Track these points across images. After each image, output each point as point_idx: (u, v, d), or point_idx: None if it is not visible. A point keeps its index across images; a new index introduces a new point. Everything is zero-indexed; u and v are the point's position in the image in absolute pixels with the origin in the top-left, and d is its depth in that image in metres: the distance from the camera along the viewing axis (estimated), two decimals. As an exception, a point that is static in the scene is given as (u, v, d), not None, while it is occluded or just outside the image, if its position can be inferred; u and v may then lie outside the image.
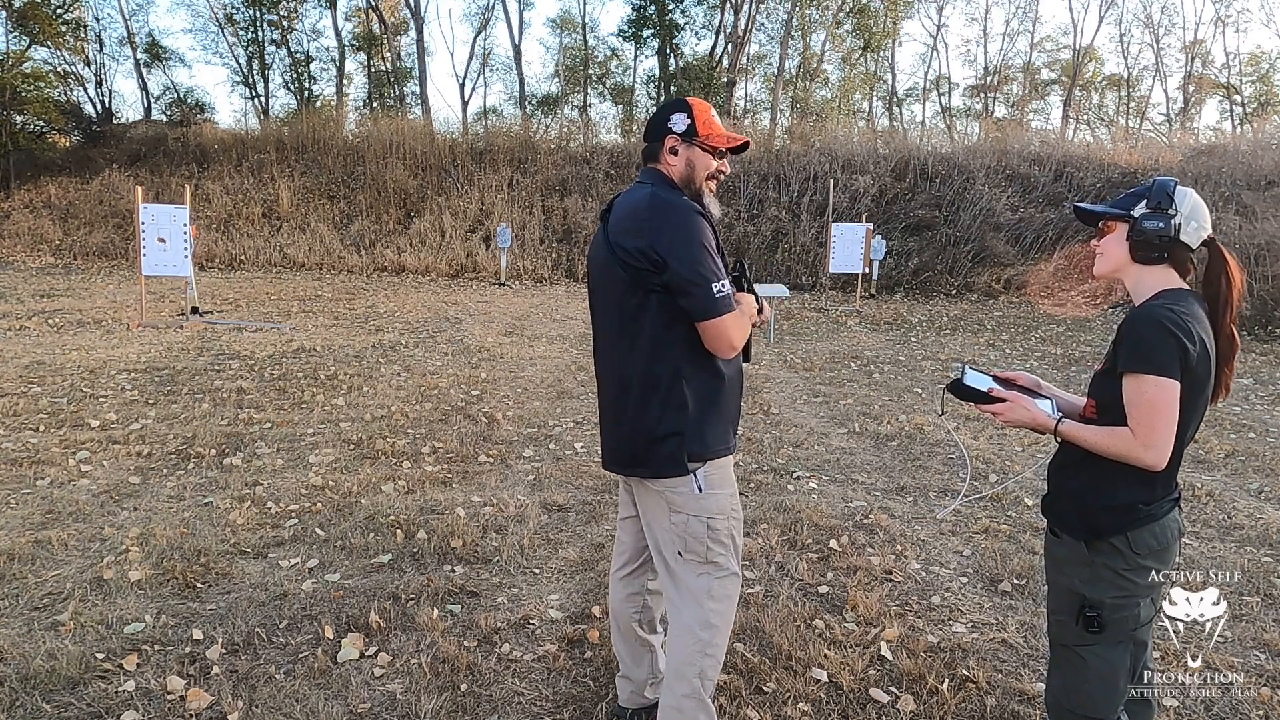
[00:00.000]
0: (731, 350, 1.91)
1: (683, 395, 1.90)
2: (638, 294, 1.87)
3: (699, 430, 1.93)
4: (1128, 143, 21.54)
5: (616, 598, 2.25)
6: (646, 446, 1.93)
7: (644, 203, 1.89)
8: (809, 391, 6.90)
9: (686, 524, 1.94)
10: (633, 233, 1.87)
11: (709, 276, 1.83)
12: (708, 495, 1.94)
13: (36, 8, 20.75)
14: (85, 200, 18.70)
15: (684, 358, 1.90)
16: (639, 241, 1.84)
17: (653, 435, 1.91)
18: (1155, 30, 35.98)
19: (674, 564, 1.99)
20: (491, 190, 18.47)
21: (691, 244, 1.83)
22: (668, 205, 1.87)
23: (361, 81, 31.68)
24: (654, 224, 1.85)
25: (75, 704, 2.30)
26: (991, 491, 4.38)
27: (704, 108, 2.00)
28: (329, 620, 2.79)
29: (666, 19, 27.93)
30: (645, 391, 1.92)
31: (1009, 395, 1.81)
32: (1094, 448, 1.66)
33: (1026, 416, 1.77)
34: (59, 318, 9.48)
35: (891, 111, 33.59)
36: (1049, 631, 1.85)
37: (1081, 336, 10.77)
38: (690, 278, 1.81)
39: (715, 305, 1.83)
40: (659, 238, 1.82)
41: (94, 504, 3.81)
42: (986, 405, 1.84)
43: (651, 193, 1.91)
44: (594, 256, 2.03)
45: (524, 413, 5.82)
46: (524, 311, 11.72)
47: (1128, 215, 1.70)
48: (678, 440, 1.90)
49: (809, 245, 16.46)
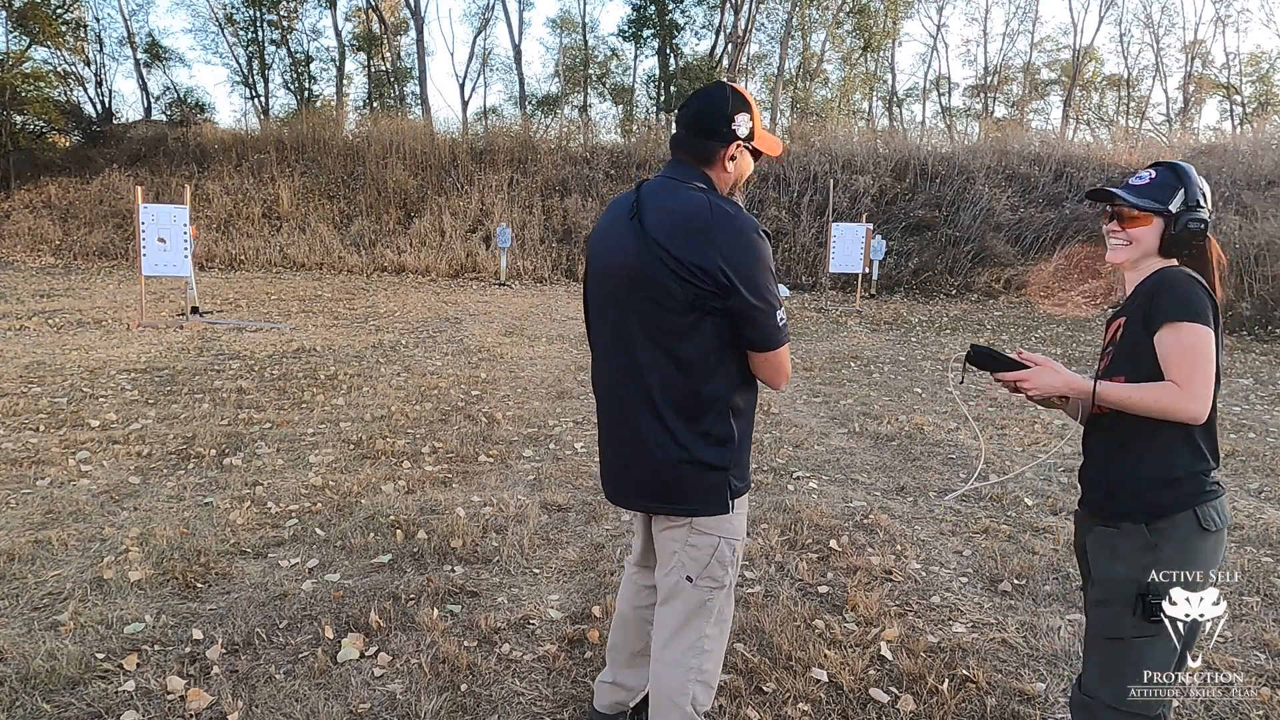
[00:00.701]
0: (785, 380, 1.81)
1: (730, 427, 1.77)
2: (691, 313, 1.67)
3: (741, 464, 1.82)
4: (1128, 143, 21.57)
5: (629, 589, 2.13)
6: (684, 480, 1.76)
7: (707, 213, 1.67)
8: (809, 391, 6.90)
9: (716, 547, 1.81)
10: (697, 247, 1.64)
11: (775, 304, 1.70)
12: (736, 517, 1.84)
13: (36, 8, 20.75)
14: (85, 200, 18.70)
15: (734, 387, 1.76)
16: (705, 260, 1.63)
17: (695, 468, 1.76)
18: (1155, 30, 36.02)
19: (680, 588, 1.86)
20: (491, 190, 18.48)
21: (762, 269, 1.67)
22: (737, 222, 1.67)
23: (361, 81, 31.74)
24: (725, 241, 1.64)
25: (75, 704, 2.30)
26: (1007, 478, 4.37)
27: (755, 105, 1.80)
28: (329, 620, 2.79)
29: (666, 19, 27.94)
30: (688, 421, 1.74)
31: (1037, 358, 1.72)
32: (1136, 405, 1.60)
33: (1058, 380, 1.67)
34: (59, 318, 9.48)
35: (891, 111, 33.62)
36: (1094, 628, 1.75)
37: (1081, 336, 10.77)
38: (759, 305, 1.67)
39: (779, 335, 1.73)
40: (731, 258, 1.63)
41: (94, 504, 3.81)
42: (1009, 374, 1.72)
43: (712, 202, 1.69)
44: (619, 260, 1.76)
45: (524, 413, 5.82)
46: (524, 311, 11.72)
47: (1165, 210, 1.66)
48: (722, 475, 1.77)
49: (809, 245, 16.46)
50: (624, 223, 1.76)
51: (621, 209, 1.82)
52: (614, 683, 2.18)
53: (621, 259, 1.75)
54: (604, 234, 1.85)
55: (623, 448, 1.85)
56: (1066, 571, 3.37)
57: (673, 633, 1.89)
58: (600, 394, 1.92)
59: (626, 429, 1.82)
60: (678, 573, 1.85)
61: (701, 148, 1.77)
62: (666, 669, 1.90)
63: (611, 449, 1.90)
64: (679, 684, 1.88)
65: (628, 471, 1.85)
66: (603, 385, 1.90)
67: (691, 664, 1.88)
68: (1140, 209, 1.68)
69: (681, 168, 1.78)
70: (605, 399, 1.90)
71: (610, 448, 1.90)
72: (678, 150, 1.81)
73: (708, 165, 1.78)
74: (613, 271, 1.79)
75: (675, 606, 1.88)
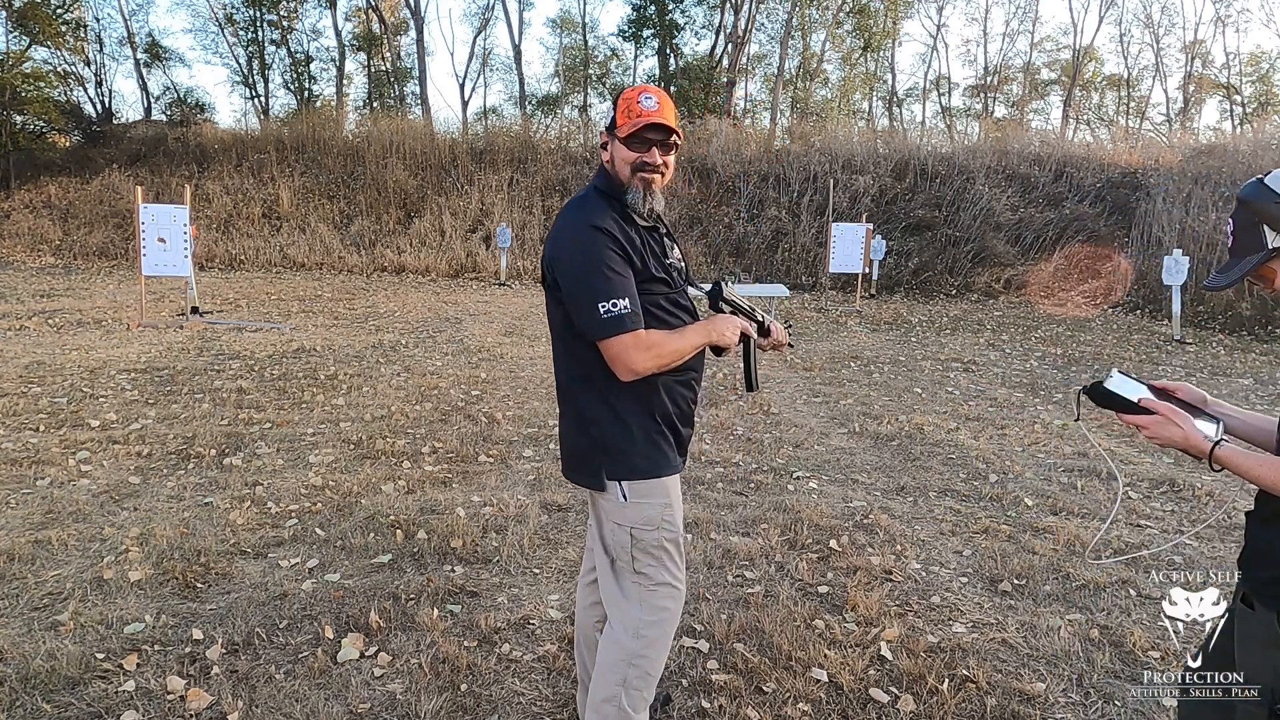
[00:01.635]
0: (629, 373, 1.76)
1: (599, 409, 1.86)
2: (559, 304, 1.86)
3: (621, 447, 1.85)
4: (1128, 143, 21.55)
5: (581, 605, 2.21)
6: (576, 454, 1.94)
7: (561, 213, 1.88)
8: (809, 391, 6.90)
9: (615, 533, 1.90)
10: (548, 243, 1.88)
11: (593, 297, 1.72)
12: (632, 505, 1.86)
13: (36, 8, 20.75)
14: (85, 200, 18.69)
15: (599, 369, 1.82)
16: (548, 249, 1.86)
17: (577, 445, 1.92)
18: (1155, 30, 35.99)
19: (610, 570, 1.95)
20: (491, 190, 18.47)
21: (577, 263, 1.75)
22: (565, 220, 1.84)
23: (361, 81, 31.72)
24: (553, 236, 1.85)
25: (75, 704, 2.30)
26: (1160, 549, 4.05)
27: (632, 95, 1.83)
28: (329, 620, 2.79)
29: (666, 19, 27.94)
30: (565, 401, 1.95)
31: (1161, 407, 1.49)
32: (1258, 480, 1.37)
33: (1178, 435, 1.45)
34: (59, 318, 9.48)
35: (891, 111, 33.61)
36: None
37: (1081, 336, 10.77)
38: (573, 295, 1.77)
39: (601, 326, 1.72)
40: (554, 248, 1.83)
41: (94, 504, 3.81)
42: (1131, 416, 1.53)
43: (572, 201, 1.89)
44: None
45: (524, 413, 5.82)
46: (524, 311, 11.72)
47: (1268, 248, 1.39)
48: (597, 455, 1.87)
49: (809, 245, 16.46)
50: None
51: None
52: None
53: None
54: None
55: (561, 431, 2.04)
56: (1066, 572, 3.37)
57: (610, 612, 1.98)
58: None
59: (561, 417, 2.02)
60: (604, 554, 1.96)
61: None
62: (604, 643, 1.98)
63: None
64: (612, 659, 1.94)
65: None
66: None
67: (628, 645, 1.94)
68: (1238, 280, 1.44)
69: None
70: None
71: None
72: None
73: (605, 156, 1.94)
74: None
75: (610, 581, 1.97)
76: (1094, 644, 2.79)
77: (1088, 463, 4.91)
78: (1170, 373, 8.23)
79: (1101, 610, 3.04)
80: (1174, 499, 4.33)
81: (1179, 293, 10.71)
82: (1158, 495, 4.39)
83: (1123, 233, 15.64)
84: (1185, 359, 9.20)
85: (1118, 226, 15.86)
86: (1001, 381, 7.52)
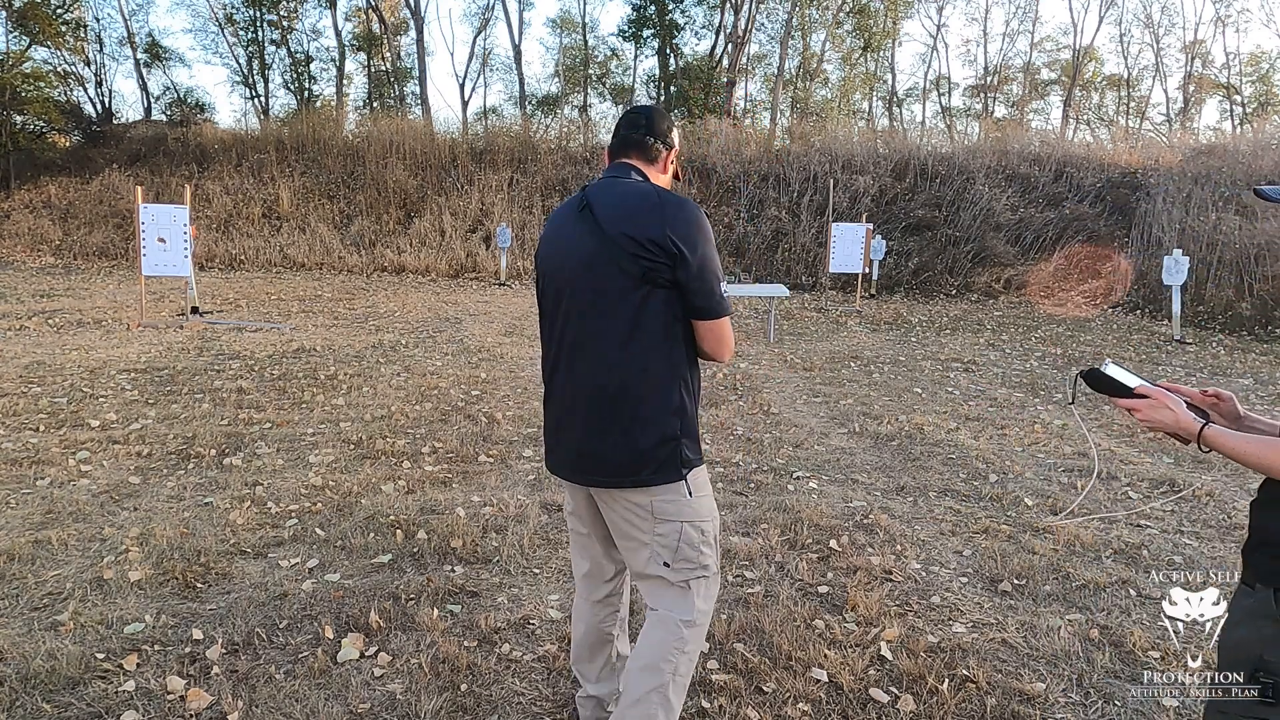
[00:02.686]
0: (729, 353, 1.91)
1: (681, 398, 1.86)
2: (641, 289, 1.78)
3: (693, 434, 1.90)
4: (1128, 143, 21.54)
5: (584, 608, 2.16)
6: (642, 454, 1.83)
7: (653, 195, 1.82)
8: (809, 391, 6.90)
9: (681, 531, 1.87)
10: (644, 223, 1.77)
11: (718, 275, 1.82)
12: (697, 499, 1.90)
13: (36, 8, 20.76)
14: (85, 200, 18.70)
15: (684, 359, 1.86)
16: (653, 231, 1.75)
17: (651, 441, 1.83)
18: (1155, 30, 36.00)
19: (659, 574, 1.90)
20: (491, 190, 18.48)
21: (707, 240, 1.82)
22: (682, 199, 1.83)
23: (361, 81, 31.73)
24: (671, 216, 1.78)
25: (75, 704, 2.30)
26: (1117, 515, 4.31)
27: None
28: (329, 620, 2.79)
29: (666, 19, 27.93)
30: (644, 395, 1.82)
31: (1154, 391, 1.56)
32: (1244, 459, 1.41)
33: (1169, 417, 1.52)
34: (59, 318, 9.48)
35: (891, 111, 33.61)
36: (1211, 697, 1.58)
37: (1081, 336, 10.77)
38: (703, 272, 1.79)
39: (721, 304, 1.83)
40: (676, 228, 1.76)
41: (94, 504, 3.81)
42: (1125, 400, 1.61)
43: (657, 189, 1.86)
44: (571, 251, 1.87)
45: (524, 413, 5.82)
46: (524, 311, 11.72)
47: None
48: (675, 445, 1.85)
49: (809, 245, 16.46)
50: (573, 222, 1.88)
51: (567, 213, 1.94)
52: (593, 696, 2.20)
53: (578, 253, 1.85)
54: (553, 240, 1.96)
55: (578, 430, 1.90)
56: (1066, 572, 3.37)
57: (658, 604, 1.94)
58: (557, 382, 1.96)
59: (581, 410, 1.88)
60: (654, 559, 1.90)
61: (650, 149, 1.96)
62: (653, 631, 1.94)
63: (571, 432, 1.93)
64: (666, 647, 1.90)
65: (587, 451, 1.89)
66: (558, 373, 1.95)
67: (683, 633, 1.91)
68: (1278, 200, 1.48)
69: (623, 168, 1.95)
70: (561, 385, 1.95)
71: (570, 431, 1.93)
72: (624, 152, 1.97)
73: (651, 165, 1.97)
74: (568, 265, 1.88)
75: (659, 584, 1.93)
76: (1094, 644, 2.79)
77: (1087, 463, 4.91)
78: (1170, 373, 8.23)
79: (1101, 610, 3.04)
80: (1173, 497, 4.33)
81: (1179, 293, 10.71)
82: (1158, 495, 4.39)
83: (1123, 233, 15.64)
84: (1185, 359, 9.20)
85: (1118, 226, 15.86)
86: (1001, 381, 7.52)
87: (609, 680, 2.19)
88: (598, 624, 2.15)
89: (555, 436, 2.02)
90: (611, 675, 2.19)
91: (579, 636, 2.19)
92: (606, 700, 2.18)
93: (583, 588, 2.17)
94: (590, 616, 2.16)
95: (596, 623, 2.15)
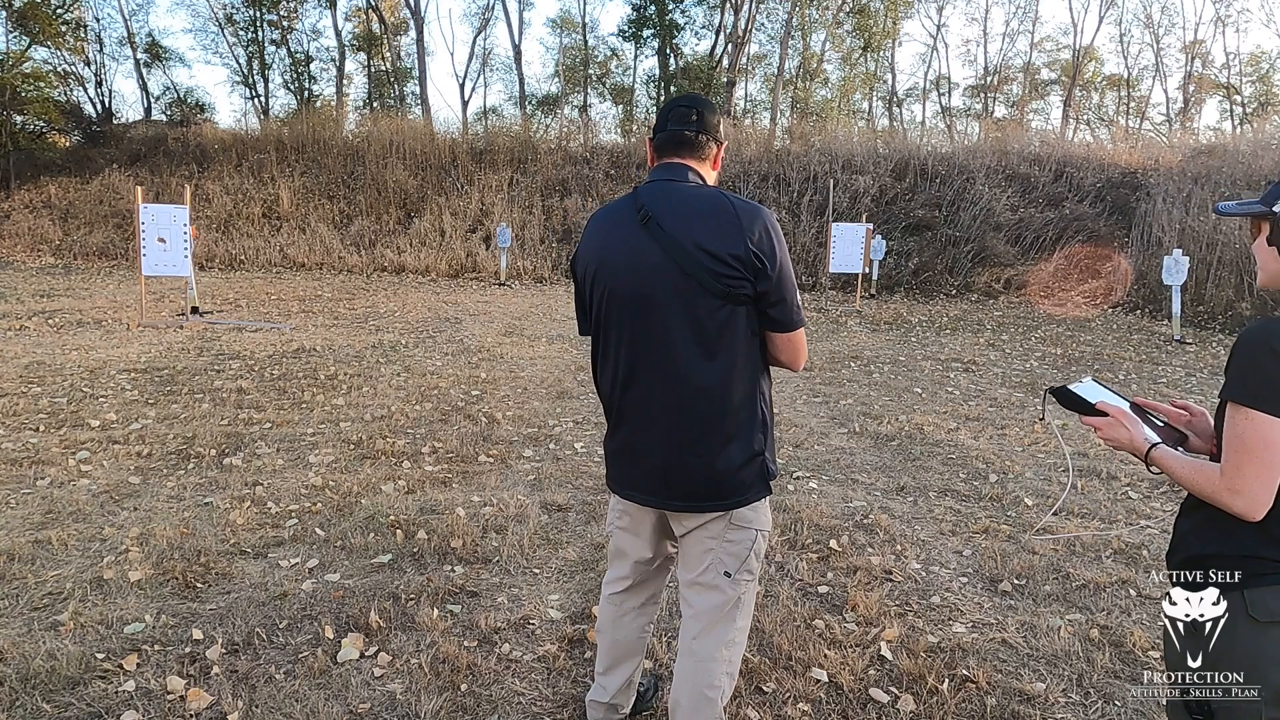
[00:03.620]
0: (804, 361, 1.88)
1: (763, 412, 1.82)
2: (724, 305, 1.70)
3: (773, 446, 1.87)
4: (1128, 143, 21.55)
5: (616, 615, 2.09)
6: (731, 474, 1.77)
7: (725, 204, 1.71)
8: (809, 391, 6.90)
9: (754, 541, 1.85)
10: (723, 237, 1.68)
11: (795, 285, 1.79)
12: (765, 506, 1.91)
13: (36, 8, 20.76)
14: (85, 200, 18.70)
15: (761, 371, 1.83)
16: (735, 247, 1.67)
17: (739, 459, 1.77)
18: (1155, 30, 35.99)
19: (716, 584, 1.86)
20: (491, 190, 18.48)
21: (784, 247, 1.76)
22: (754, 206, 1.74)
23: (361, 81, 31.74)
24: (749, 226, 1.69)
25: (75, 704, 2.30)
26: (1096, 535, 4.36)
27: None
28: (329, 620, 2.79)
29: (666, 19, 27.93)
30: (730, 413, 1.76)
31: (1112, 410, 1.56)
32: (1180, 480, 1.43)
33: (1125, 436, 1.53)
34: (59, 318, 9.48)
35: (891, 111, 33.63)
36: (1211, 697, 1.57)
37: (1081, 336, 10.77)
38: (786, 282, 1.74)
39: (800, 314, 1.80)
40: (758, 240, 1.68)
41: (94, 504, 3.81)
42: (1089, 417, 1.62)
43: (725, 194, 1.75)
44: (638, 265, 1.75)
45: (524, 413, 5.82)
46: (524, 311, 11.72)
47: (1270, 212, 1.38)
48: (760, 461, 1.82)
49: (809, 245, 16.45)
50: (633, 231, 1.75)
51: (621, 220, 1.80)
52: (610, 704, 2.16)
53: (646, 267, 1.73)
54: (609, 248, 1.81)
55: (657, 453, 1.81)
56: (1066, 572, 3.37)
57: (704, 627, 1.89)
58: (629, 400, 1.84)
59: (662, 432, 1.79)
60: (715, 568, 1.86)
61: (703, 147, 1.83)
62: (702, 663, 1.88)
63: (649, 457, 1.83)
64: (715, 676, 1.88)
65: (671, 476, 1.81)
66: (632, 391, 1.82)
67: (728, 656, 1.90)
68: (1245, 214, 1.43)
69: (677, 169, 1.81)
70: (636, 405, 1.82)
71: (650, 455, 1.83)
72: (675, 150, 1.82)
73: (702, 163, 1.83)
74: (637, 280, 1.75)
75: (714, 596, 1.88)
76: (1094, 644, 2.79)
77: (1087, 463, 4.91)
78: (1170, 373, 8.23)
79: (1101, 610, 3.05)
80: (1174, 499, 4.33)
81: (1179, 293, 10.71)
82: (1157, 495, 4.39)
83: (1123, 233, 15.64)
84: (1185, 359, 9.20)
85: (1118, 226, 15.86)
86: (1001, 381, 7.52)
87: (625, 694, 2.16)
88: (629, 637, 2.10)
89: (629, 458, 1.88)
90: (629, 690, 2.16)
91: (607, 646, 2.12)
92: (618, 707, 2.17)
93: (619, 598, 2.10)
94: (623, 628, 2.10)
95: (627, 635, 2.10)
